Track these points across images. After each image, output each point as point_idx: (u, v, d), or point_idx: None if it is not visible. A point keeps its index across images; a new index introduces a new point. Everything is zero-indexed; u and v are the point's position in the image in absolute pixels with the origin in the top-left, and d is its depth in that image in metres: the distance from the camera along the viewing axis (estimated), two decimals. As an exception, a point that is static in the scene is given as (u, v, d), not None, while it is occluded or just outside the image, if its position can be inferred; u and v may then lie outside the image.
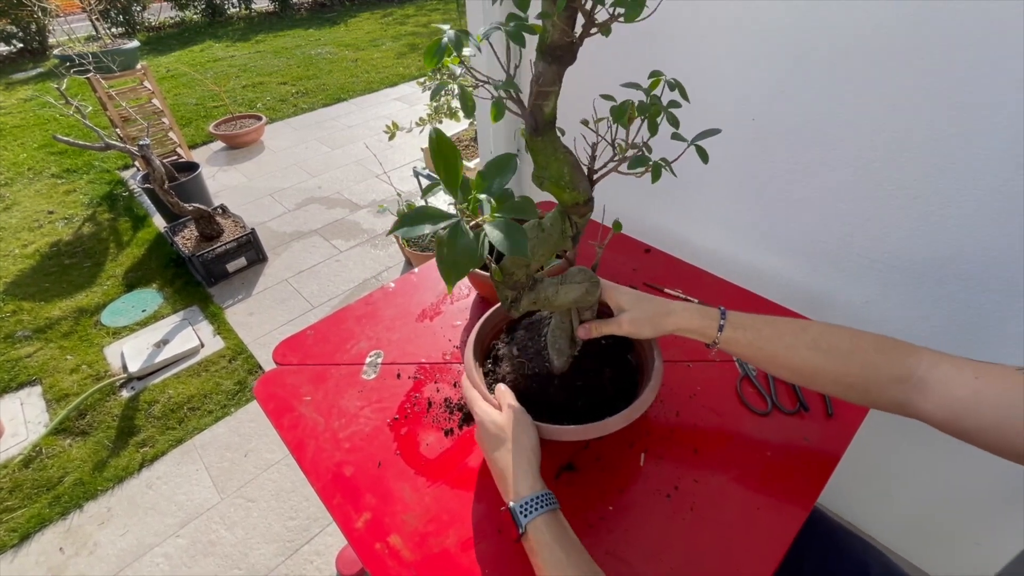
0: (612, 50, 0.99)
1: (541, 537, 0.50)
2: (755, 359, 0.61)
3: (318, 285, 2.30)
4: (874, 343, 0.55)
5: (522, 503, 0.52)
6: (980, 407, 0.47)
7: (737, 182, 0.98)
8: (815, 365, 0.56)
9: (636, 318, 0.62)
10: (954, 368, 0.50)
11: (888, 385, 0.53)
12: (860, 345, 0.55)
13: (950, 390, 0.49)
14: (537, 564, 0.50)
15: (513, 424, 0.57)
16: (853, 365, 0.54)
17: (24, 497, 1.50)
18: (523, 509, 0.51)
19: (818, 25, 0.76)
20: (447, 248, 0.35)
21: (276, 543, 1.39)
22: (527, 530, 0.51)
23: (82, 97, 3.76)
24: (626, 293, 0.64)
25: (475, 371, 0.66)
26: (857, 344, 0.55)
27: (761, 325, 0.60)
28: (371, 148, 3.16)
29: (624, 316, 0.62)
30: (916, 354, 0.52)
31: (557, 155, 0.49)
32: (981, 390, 0.48)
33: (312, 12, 7.05)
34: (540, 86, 0.43)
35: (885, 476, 1.08)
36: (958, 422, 0.49)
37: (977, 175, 0.71)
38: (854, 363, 0.55)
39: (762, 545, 0.58)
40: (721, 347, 0.61)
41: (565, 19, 0.39)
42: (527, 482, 0.54)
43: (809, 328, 0.58)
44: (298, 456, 0.69)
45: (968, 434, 0.49)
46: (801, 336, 0.57)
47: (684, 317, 0.61)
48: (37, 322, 2.10)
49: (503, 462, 0.56)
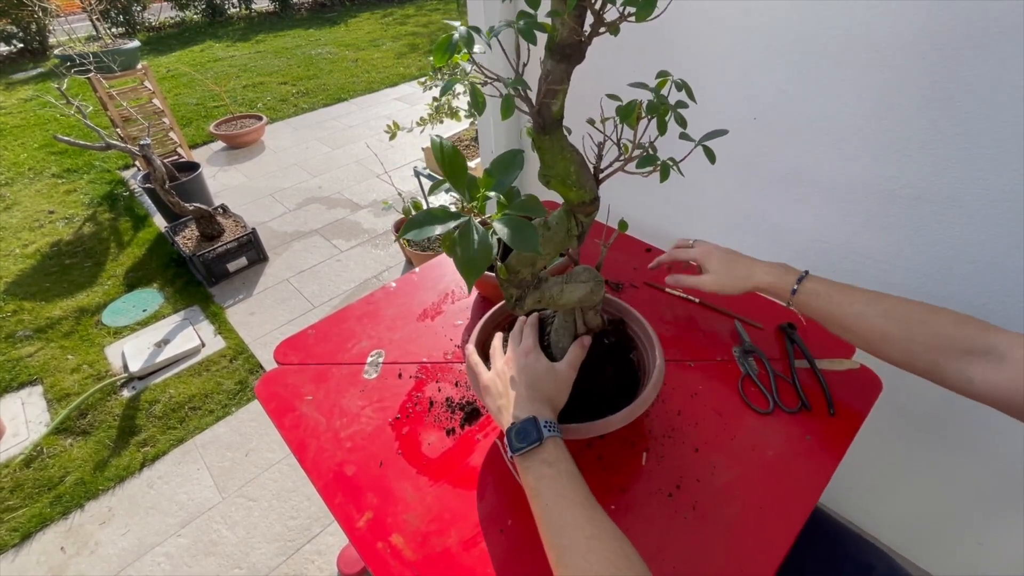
0: (612, 49, 0.99)
1: (560, 453, 0.51)
2: (825, 321, 0.65)
3: (319, 285, 2.30)
4: (953, 318, 0.57)
5: (545, 421, 0.53)
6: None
7: (738, 181, 0.98)
8: (883, 332, 0.59)
9: (722, 280, 0.70)
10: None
11: (960, 356, 0.54)
12: (936, 319, 0.57)
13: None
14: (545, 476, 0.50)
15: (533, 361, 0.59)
16: (925, 335, 0.56)
17: (25, 496, 1.50)
18: (547, 425, 0.53)
19: (820, 25, 0.76)
20: (460, 248, 0.35)
21: (277, 542, 1.39)
22: (546, 444, 0.51)
23: (83, 97, 3.76)
24: (716, 254, 0.72)
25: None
26: (933, 317, 0.57)
27: (834, 291, 0.64)
28: (372, 148, 3.16)
29: (708, 277, 0.70)
30: (1000, 332, 0.53)
31: (564, 154, 0.49)
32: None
33: (312, 12, 7.05)
34: (549, 84, 0.43)
35: (887, 475, 1.08)
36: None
37: (979, 175, 0.71)
38: (926, 333, 0.56)
39: (764, 544, 0.58)
40: (793, 307, 0.67)
41: (575, 17, 0.39)
42: (552, 409, 0.56)
43: (883, 299, 0.61)
44: (299, 456, 0.69)
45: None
46: (874, 305, 0.60)
47: (764, 277, 0.69)
48: (38, 322, 2.10)
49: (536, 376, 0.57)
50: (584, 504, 0.48)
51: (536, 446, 0.51)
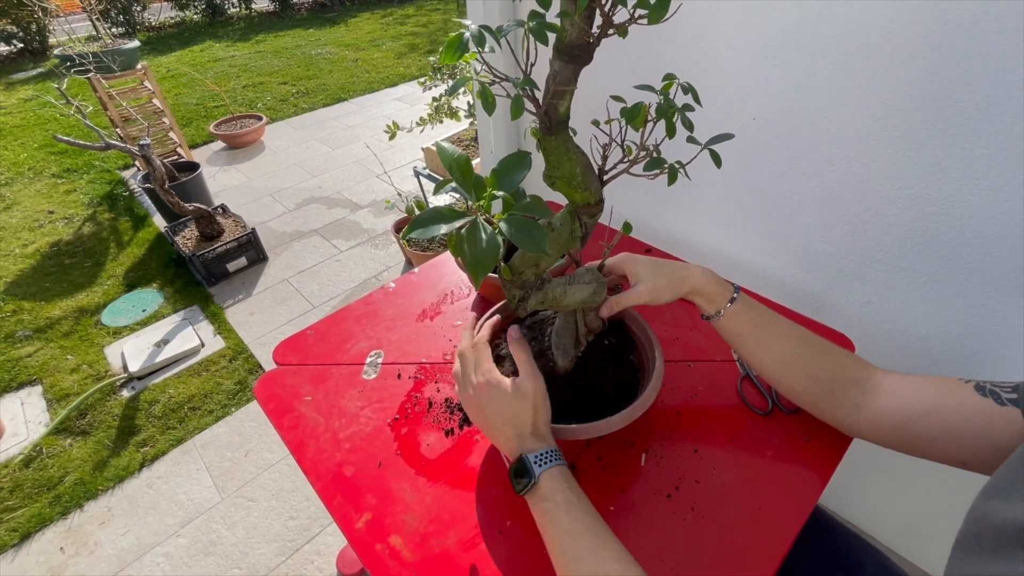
0: (611, 48, 0.98)
1: (556, 484, 0.50)
2: (744, 339, 0.64)
3: (318, 285, 2.30)
4: (848, 351, 0.63)
5: (535, 455, 0.52)
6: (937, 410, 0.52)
7: (738, 182, 0.98)
8: (797, 353, 0.62)
9: (655, 287, 0.63)
10: (901, 377, 0.57)
11: (850, 384, 0.59)
12: (838, 348, 0.62)
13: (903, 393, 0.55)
14: (547, 511, 0.50)
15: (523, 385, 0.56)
16: (828, 361, 0.61)
17: (25, 497, 1.50)
18: (537, 460, 0.52)
19: (820, 25, 0.76)
20: (468, 247, 0.35)
21: (276, 543, 1.39)
22: (540, 480, 0.51)
23: (83, 97, 3.76)
24: (642, 262, 0.65)
25: None
26: (836, 347, 0.63)
27: (763, 309, 0.64)
28: (371, 148, 3.16)
29: (642, 287, 0.63)
30: (871, 367, 0.60)
31: (570, 155, 0.49)
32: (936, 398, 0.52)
33: (312, 12, 7.05)
34: (557, 85, 0.43)
35: (886, 476, 1.08)
36: (907, 427, 0.53)
37: (978, 175, 0.71)
38: (831, 359, 0.61)
39: (764, 545, 0.58)
40: (721, 319, 0.64)
41: (584, 18, 0.39)
42: (538, 437, 0.54)
43: (797, 325, 0.64)
44: (298, 456, 0.69)
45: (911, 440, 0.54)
46: (794, 328, 0.63)
47: (701, 281, 0.64)
48: (37, 322, 2.10)
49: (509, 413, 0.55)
50: (586, 534, 0.48)
51: (532, 484, 0.51)
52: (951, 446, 0.51)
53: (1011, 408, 0.47)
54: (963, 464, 0.51)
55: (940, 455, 0.52)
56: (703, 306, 0.65)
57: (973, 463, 0.50)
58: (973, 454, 0.49)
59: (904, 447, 0.55)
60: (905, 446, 0.55)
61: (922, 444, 0.53)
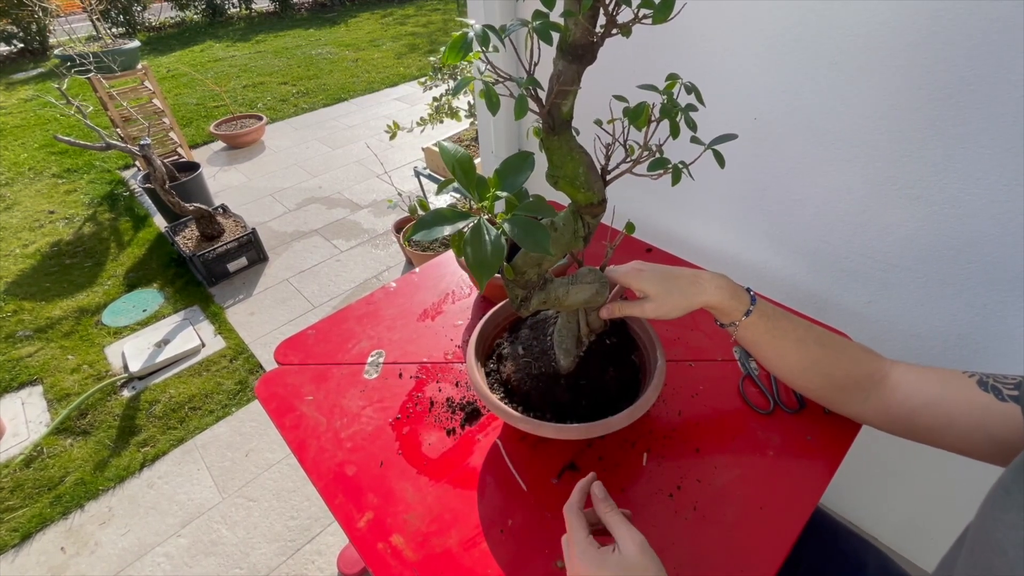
0: (611, 48, 0.99)
1: None
2: (761, 347, 0.63)
3: (319, 285, 2.30)
4: (859, 345, 0.63)
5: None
6: (938, 403, 0.53)
7: (739, 182, 0.98)
8: (815, 358, 0.61)
9: (663, 305, 0.60)
10: (908, 368, 0.58)
11: (863, 379, 0.59)
12: (852, 344, 0.63)
13: (907, 385, 0.56)
14: None
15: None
16: (845, 359, 0.61)
17: (25, 497, 1.50)
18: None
19: (821, 25, 0.76)
20: (472, 248, 0.35)
21: (277, 543, 1.38)
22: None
23: (83, 97, 3.77)
24: (650, 279, 0.61)
25: (476, 371, 0.66)
26: (849, 343, 0.63)
27: (779, 317, 0.62)
28: (371, 148, 3.16)
29: (649, 305, 0.61)
30: (881, 358, 0.61)
31: (573, 155, 0.49)
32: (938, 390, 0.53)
33: (312, 12, 7.05)
34: (560, 85, 0.43)
35: (887, 476, 1.08)
36: (909, 417, 0.55)
37: (979, 174, 0.71)
38: (846, 357, 0.61)
39: (765, 545, 0.58)
40: (737, 329, 0.62)
41: (588, 18, 0.39)
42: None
43: (814, 327, 0.63)
44: (300, 456, 0.69)
45: (912, 430, 0.55)
46: (811, 331, 0.62)
47: (716, 298, 0.61)
48: (38, 322, 2.10)
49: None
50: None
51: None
52: (949, 437, 0.52)
53: (1011, 405, 0.48)
54: (963, 453, 0.52)
55: (940, 444, 0.54)
56: (718, 316, 0.64)
57: (972, 453, 0.51)
58: (970, 445, 0.51)
59: (907, 435, 0.57)
60: (908, 434, 0.56)
61: (923, 434, 0.55)
